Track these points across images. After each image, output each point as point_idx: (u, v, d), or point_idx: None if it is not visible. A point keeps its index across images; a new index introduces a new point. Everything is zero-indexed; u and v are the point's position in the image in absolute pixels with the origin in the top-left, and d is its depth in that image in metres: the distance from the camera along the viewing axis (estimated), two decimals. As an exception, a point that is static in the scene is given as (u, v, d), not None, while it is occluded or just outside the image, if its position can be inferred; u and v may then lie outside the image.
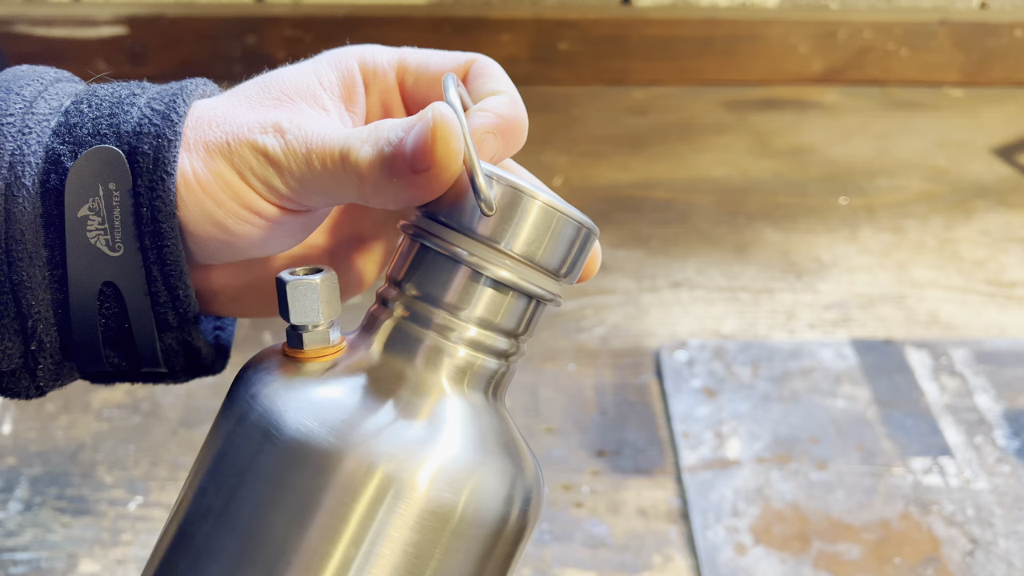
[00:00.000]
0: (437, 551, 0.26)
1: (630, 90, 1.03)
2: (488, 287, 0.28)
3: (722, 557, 0.55)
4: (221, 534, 0.26)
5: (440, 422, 0.27)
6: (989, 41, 1.04)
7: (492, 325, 0.28)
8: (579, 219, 0.28)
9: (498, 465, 0.27)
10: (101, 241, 0.29)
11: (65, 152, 0.29)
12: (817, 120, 0.99)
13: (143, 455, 0.61)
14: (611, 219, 0.84)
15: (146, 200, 0.29)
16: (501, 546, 0.27)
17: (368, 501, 0.25)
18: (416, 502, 0.25)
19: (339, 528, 0.25)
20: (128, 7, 0.98)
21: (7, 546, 0.55)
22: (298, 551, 0.25)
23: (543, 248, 0.28)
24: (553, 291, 0.28)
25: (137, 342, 0.31)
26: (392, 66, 0.33)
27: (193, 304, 0.31)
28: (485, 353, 0.28)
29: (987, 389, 0.67)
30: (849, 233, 0.83)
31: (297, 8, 0.98)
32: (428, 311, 0.28)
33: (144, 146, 0.29)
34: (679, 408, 0.64)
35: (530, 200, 0.27)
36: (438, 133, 0.27)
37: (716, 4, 1.03)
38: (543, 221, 0.27)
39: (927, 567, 0.55)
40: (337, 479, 0.25)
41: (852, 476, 0.60)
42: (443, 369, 0.27)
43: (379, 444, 0.25)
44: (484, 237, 0.27)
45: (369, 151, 0.28)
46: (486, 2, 1.01)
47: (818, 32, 1.02)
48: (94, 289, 0.29)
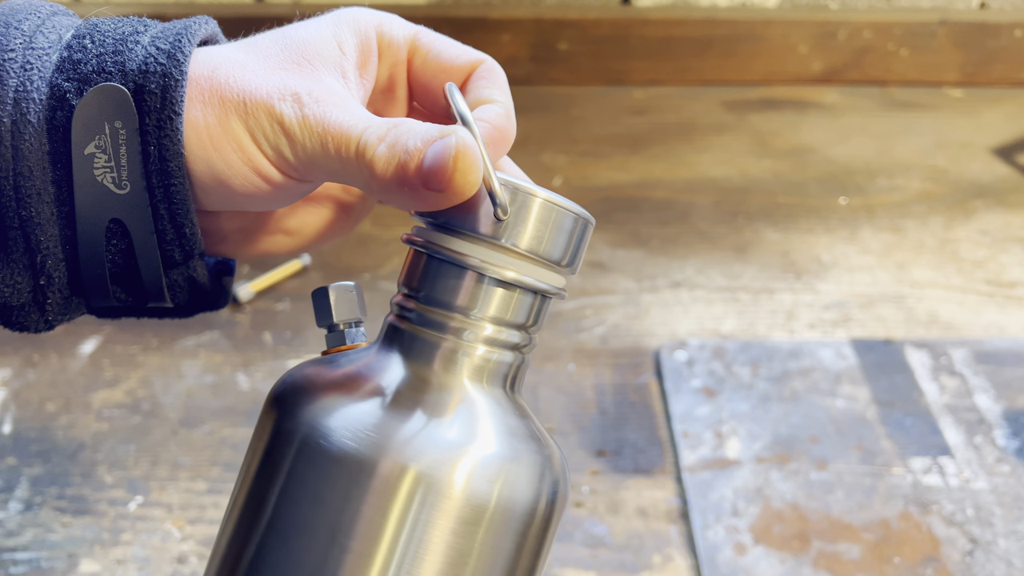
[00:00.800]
0: (476, 543, 0.27)
1: (630, 90, 1.03)
2: (497, 286, 0.29)
3: (722, 557, 0.55)
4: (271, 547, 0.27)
5: (466, 420, 0.28)
6: (989, 41, 1.04)
7: (504, 321, 0.29)
8: (576, 211, 0.29)
9: (525, 456, 0.28)
10: (108, 179, 0.29)
11: (71, 89, 0.29)
12: (817, 120, 0.99)
13: (143, 455, 0.61)
14: (611, 219, 0.84)
15: (154, 139, 0.29)
16: (535, 532, 0.28)
17: (406, 503, 0.26)
18: (452, 499, 0.26)
19: (382, 532, 0.26)
20: (129, 7, 0.98)
21: (7, 546, 0.55)
22: (345, 559, 0.26)
23: (546, 242, 0.29)
24: (558, 283, 0.30)
25: (144, 278, 0.31)
26: (406, 42, 0.33)
27: (199, 242, 0.31)
28: (500, 348, 0.29)
29: (987, 389, 0.67)
30: (849, 233, 0.83)
31: (297, 8, 0.98)
32: (442, 316, 0.29)
33: (151, 85, 0.29)
34: (679, 408, 0.64)
35: (530, 197, 0.28)
36: (459, 163, 0.27)
37: (716, 4, 1.03)
38: (544, 217, 0.29)
39: (927, 567, 0.55)
40: (375, 486, 0.26)
41: (852, 476, 0.60)
42: (463, 369, 0.29)
43: (411, 448, 0.26)
44: (490, 237, 0.28)
45: (385, 152, 0.28)
46: (486, 2, 1.01)
47: (818, 32, 1.02)
48: (101, 226, 0.30)
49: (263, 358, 0.68)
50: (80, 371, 0.67)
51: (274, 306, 0.73)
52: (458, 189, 0.28)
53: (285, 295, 0.74)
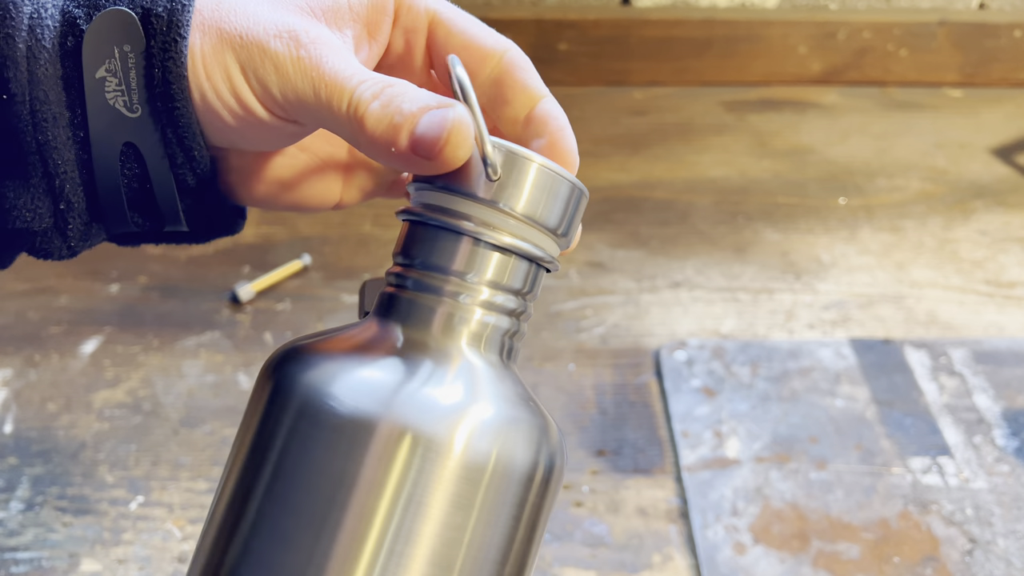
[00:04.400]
0: (476, 504, 0.27)
1: (630, 91, 1.03)
2: (494, 248, 0.29)
3: (721, 556, 0.55)
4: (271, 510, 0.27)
5: (465, 383, 0.28)
6: (988, 42, 1.04)
7: (501, 285, 0.29)
8: (572, 179, 0.30)
9: (522, 421, 0.28)
10: (119, 102, 0.30)
11: (80, 15, 0.29)
12: (816, 120, 0.99)
13: (144, 455, 0.61)
14: (611, 219, 0.84)
15: (158, 61, 0.29)
16: (533, 497, 0.28)
17: (406, 464, 0.26)
18: (452, 459, 0.26)
19: (382, 492, 0.26)
20: (129, 8, 0.98)
21: (8, 545, 0.55)
22: (345, 519, 0.26)
23: (542, 208, 0.29)
24: (552, 251, 0.30)
25: (159, 202, 0.31)
26: (426, 11, 0.33)
27: (209, 166, 0.31)
28: (497, 312, 0.29)
29: (986, 389, 0.67)
30: (848, 233, 0.83)
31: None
32: (439, 280, 0.29)
33: (158, 8, 0.29)
34: (679, 408, 0.64)
35: (526, 162, 0.28)
36: (452, 137, 0.27)
37: (716, 5, 1.03)
38: (540, 182, 0.29)
39: (926, 566, 0.55)
40: (375, 447, 0.26)
41: (851, 475, 0.60)
42: (461, 334, 0.29)
43: (411, 409, 0.27)
44: (486, 200, 0.28)
45: (378, 110, 0.28)
46: (486, 2, 1.01)
47: (817, 33, 1.02)
48: (115, 149, 0.30)
49: (264, 358, 0.68)
50: (81, 371, 0.67)
51: (275, 306, 0.73)
52: (447, 160, 0.28)
53: (286, 295, 0.74)
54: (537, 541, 0.29)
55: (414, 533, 0.26)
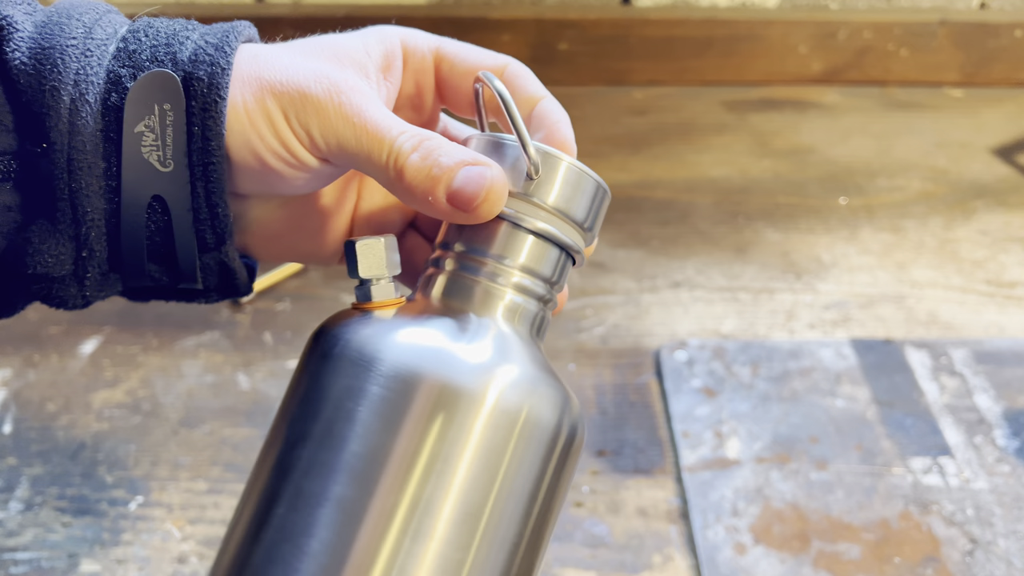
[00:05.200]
0: (508, 449, 0.30)
1: (630, 90, 1.03)
2: (529, 236, 0.32)
3: (722, 556, 0.55)
4: (322, 453, 0.30)
5: (501, 347, 0.31)
6: (989, 41, 1.04)
7: (533, 272, 0.33)
8: (598, 179, 0.34)
9: (551, 385, 0.31)
10: (154, 157, 0.32)
11: (125, 74, 0.32)
12: (817, 120, 0.99)
13: (144, 455, 0.61)
14: (611, 219, 0.84)
15: (198, 120, 0.32)
16: (558, 455, 0.31)
17: (447, 413, 0.29)
18: (487, 408, 0.29)
19: (424, 439, 0.29)
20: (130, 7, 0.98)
21: (8, 546, 0.55)
22: (391, 459, 0.29)
23: (572, 203, 0.33)
24: (579, 243, 0.34)
25: (179, 256, 0.34)
26: (431, 50, 0.37)
27: (230, 225, 0.34)
28: (529, 296, 0.33)
29: (987, 389, 0.67)
30: (849, 233, 0.83)
31: (298, 8, 0.98)
32: (479, 262, 0.32)
33: (199, 72, 0.31)
34: (679, 408, 0.64)
35: (559, 161, 0.32)
36: (490, 195, 0.31)
37: (716, 4, 1.03)
38: (570, 179, 0.33)
39: (927, 567, 0.55)
40: (420, 398, 0.29)
41: (852, 476, 0.60)
42: (497, 309, 0.32)
43: (452, 365, 0.30)
44: (524, 194, 0.32)
45: (417, 162, 0.31)
46: (486, 2, 1.01)
47: (818, 32, 1.02)
48: (144, 201, 0.32)
49: (263, 358, 0.68)
50: (80, 371, 0.67)
51: (274, 306, 0.73)
52: (481, 214, 0.31)
53: (286, 295, 0.74)
54: (558, 503, 0.32)
55: (449, 475, 0.29)
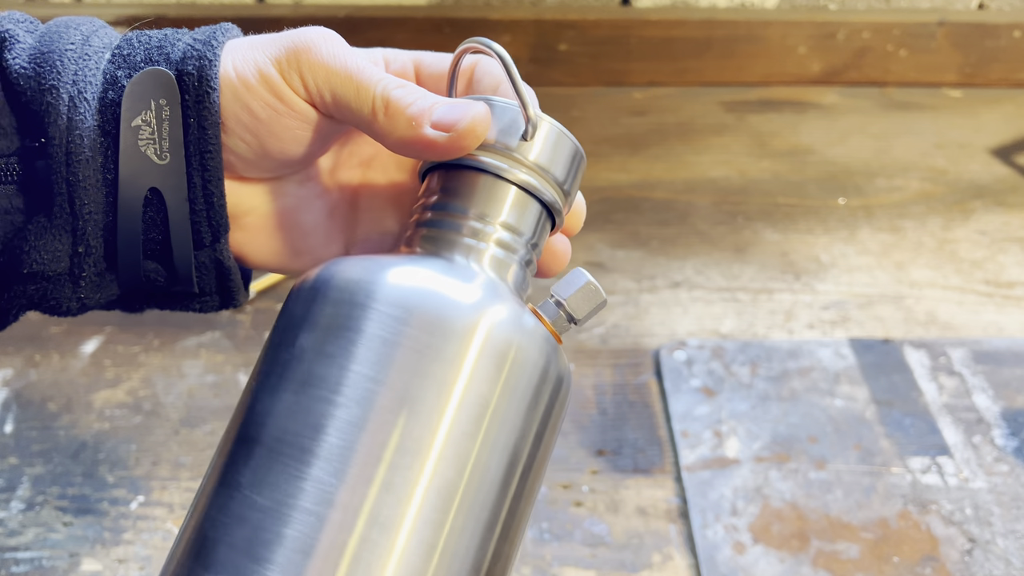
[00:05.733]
0: (499, 383, 0.30)
1: (630, 91, 1.03)
2: (511, 189, 0.33)
3: (721, 556, 0.55)
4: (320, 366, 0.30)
5: (489, 289, 0.31)
6: (988, 42, 1.04)
7: (514, 228, 0.33)
8: (576, 142, 0.34)
9: (539, 329, 0.32)
10: (151, 150, 0.33)
11: (121, 74, 0.33)
12: (816, 121, 0.99)
13: (144, 454, 0.61)
14: (611, 219, 0.84)
15: (193, 112, 0.33)
16: (547, 396, 0.31)
17: (438, 347, 0.29)
18: (481, 340, 0.30)
19: (419, 368, 0.29)
20: (130, 8, 0.98)
21: (9, 545, 0.55)
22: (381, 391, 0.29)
23: (553, 162, 0.34)
24: (560, 202, 0.34)
25: (174, 251, 0.34)
26: (411, 61, 0.38)
27: (225, 217, 0.34)
28: (510, 252, 0.33)
29: (985, 389, 0.67)
30: (848, 233, 0.83)
31: (298, 9, 0.98)
32: (460, 218, 0.33)
33: (189, 67, 0.33)
34: (678, 407, 0.65)
35: (541, 121, 0.33)
36: (474, 123, 0.32)
37: (715, 5, 1.03)
38: (552, 139, 0.34)
39: (926, 566, 0.55)
40: (413, 331, 0.29)
41: (851, 475, 0.60)
42: (485, 259, 0.33)
43: (445, 300, 0.30)
44: (506, 148, 0.33)
45: (403, 95, 0.33)
46: (486, 3, 1.02)
47: (817, 33, 1.02)
48: (140, 194, 0.33)
49: (264, 358, 0.68)
50: (82, 371, 0.67)
51: (275, 306, 0.73)
52: (463, 141, 0.32)
53: (286, 295, 0.74)
54: (546, 449, 0.32)
55: (440, 406, 0.29)
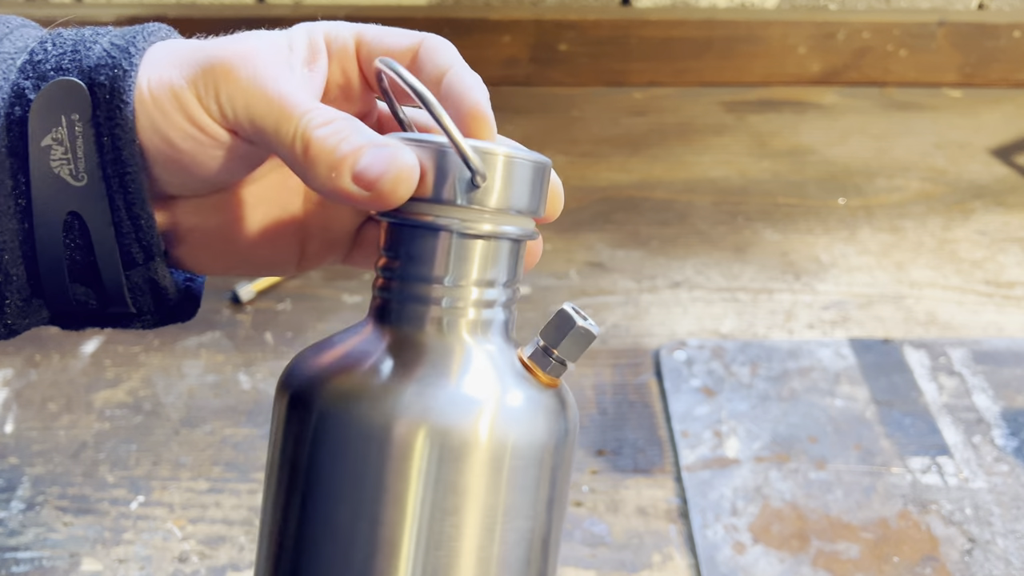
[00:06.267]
0: (501, 490, 0.28)
1: (630, 91, 1.03)
2: (478, 246, 0.29)
3: (721, 556, 0.55)
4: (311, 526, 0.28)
5: (469, 373, 0.29)
6: (988, 42, 1.04)
7: (492, 282, 0.30)
8: (535, 160, 0.30)
9: (528, 404, 0.29)
10: (65, 171, 0.29)
11: (29, 86, 0.29)
12: (816, 121, 0.99)
13: (145, 454, 0.61)
14: (611, 219, 0.84)
15: (106, 129, 0.29)
16: (552, 466, 0.29)
17: (424, 462, 0.27)
18: (470, 448, 0.27)
19: (407, 495, 0.27)
20: (130, 8, 0.98)
21: (9, 545, 0.55)
22: (379, 531, 0.27)
23: (515, 194, 0.30)
24: (531, 229, 0.31)
25: (103, 275, 0.31)
26: (352, 37, 0.34)
27: (157, 238, 0.31)
28: (491, 307, 0.30)
29: (985, 389, 0.67)
30: (848, 233, 0.83)
31: (298, 9, 0.98)
32: (431, 289, 0.29)
33: (100, 76, 0.29)
34: (678, 407, 0.65)
35: (495, 157, 0.29)
36: (400, 176, 0.28)
37: (715, 5, 1.03)
38: (509, 171, 0.29)
39: (925, 566, 0.55)
40: (391, 451, 0.27)
41: (851, 475, 0.60)
42: (461, 330, 0.30)
43: (419, 407, 0.27)
44: (464, 204, 0.29)
45: (324, 136, 0.29)
46: (486, 3, 1.02)
47: (817, 33, 1.02)
48: (59, 219, 0.30)
49: (264, 358, 0.68)
50: (82, 371, 0.67)
51: (275, 306, 0.73)
52: (386, 198, 0.28)
53: (286, 295, 0.74)
54: (562, 498, 0.30)
55: (446, 529, 0.27)
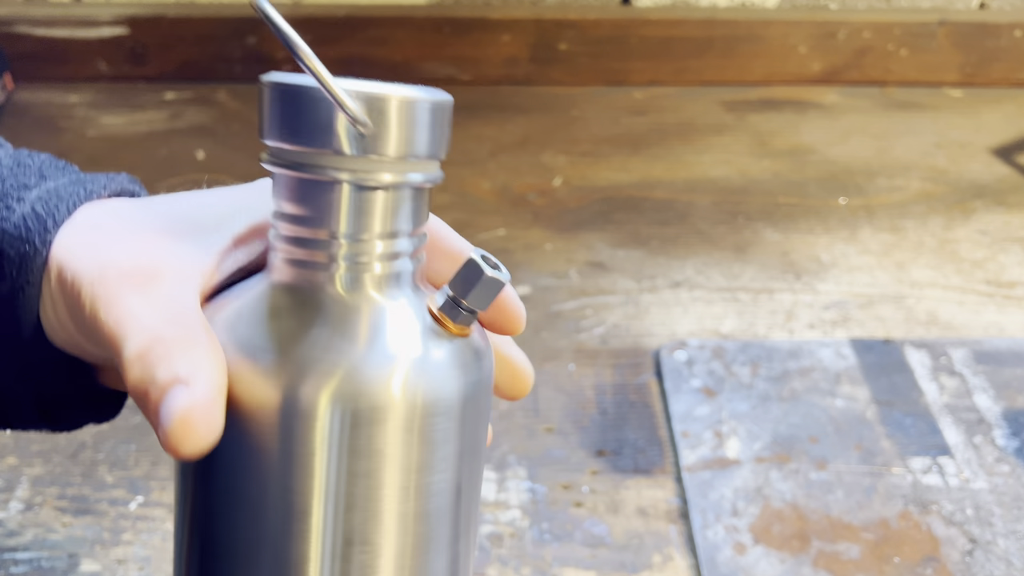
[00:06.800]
0: (415, 445, 0.27)
1: (630, 91, 1.03)
2: (378, 197, 0.27)
3: (722, 556, 0.55)
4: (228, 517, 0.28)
5: (372, 333, 0.27)
6: (988, 42, 1.04)
7: (394, 233, 0.28)
8: (433, 99, 0.27)
9: (438, 352, 0.28)
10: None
11: None
12: (816, 120, 0.99)
13: (144, 455, 0.61)
14: (611, 219, 0.84)
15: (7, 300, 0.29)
16: (466, 413, 0.28)
17: (329, 426, 0.26)
18: (377, 412, 0.26)
19: (312, 459, 0.26)
20: (129, 7, 0.98)
21: (8, 545, 0.55)
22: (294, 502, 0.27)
23: (415, 141, 0.27)
24: (435, 172, 0.28)
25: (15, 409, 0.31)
26: None
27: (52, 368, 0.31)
28: (396, 259, 0.28)
29: (986, 389, 0.67)
30: (848, 233, 0.83)
31: (297, 9, 0.98)
32: (333, 245, 0.27)
33: (11, 251, 0.29)
34: (679, 408, 0.64)
35: (386, 102, 0.26)
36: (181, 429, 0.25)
37: (716, 4, 1.03)
38: (405, 116, 0.27)
39: (926, 566, 0.55)
40: (296, 423, 0.26)
41: (851, 476, 0.60)
42: (366, 285, 0.28)
43: (323, 371, 0.26)
44: (360, 152, 0.27)
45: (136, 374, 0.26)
46: (486, 2, 1.01)
47: (817, 32, 1.02)
48: None
49: (263, 358, 0.68)
50: (81, 371, 0.67)
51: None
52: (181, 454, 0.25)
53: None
54: (475, 448, 0.29)
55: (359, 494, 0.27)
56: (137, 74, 0.99)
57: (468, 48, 1.00)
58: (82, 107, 0.95)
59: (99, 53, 0.99)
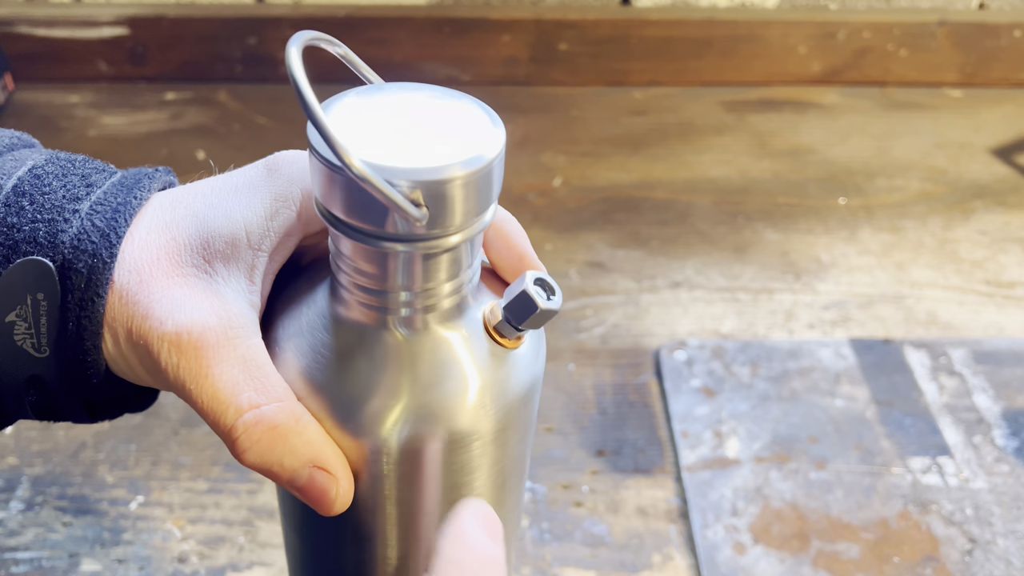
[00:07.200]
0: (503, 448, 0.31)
1: (630, 91, 1.03)
2: (443, 259, 0.28)
3: (721, 556, 0.55)
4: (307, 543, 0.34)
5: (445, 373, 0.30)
6: (988, 42, 1.04)
7: (456, 274, 0.29)
8: (487, 159, 0.27)
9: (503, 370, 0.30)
10: (28, 343, 0.30)
11: None
12: (816, 121, 0.99)
13: (144, 455, 0.61)
14: (611, 219, 0.84)
15: (73, 316, 0.29)
16: (533, 398, 0.32)
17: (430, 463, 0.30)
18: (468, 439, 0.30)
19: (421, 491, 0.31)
20: (129, 8, 0.98)
21: (8, 545, 0.55)
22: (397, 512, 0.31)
23: (477, 205, 0.27)
24: (491, 216, 0.29)
25: (65, 414, 0.32)
26: None
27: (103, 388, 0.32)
28: (459, 292, 0.30)
29: (986, 389, 0.67)
30: (848, 233, 0.83)
31: (298, 9, 0.98)
32: (398, 294, 0.29)
33: (79, 264, 0.29)
34: (678, 408, 0.65)
35: (444, 185, 0.26)
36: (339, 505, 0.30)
37: (716, 5, 1.03)
38: (463, 192, 0.26)
39: (926, 566, 0.55)
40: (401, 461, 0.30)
41: (851, 475, 0.60)
42: (431, 324, 0.29)
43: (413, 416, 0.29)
44: (426, 234, 0.27)
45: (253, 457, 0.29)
46: (486, 3, 1.01)
47: (817, 33, 1.02)
48: (20, 380, 0.30)
49: (263, 358, 0.68)
50: (81, 371, 0.67)
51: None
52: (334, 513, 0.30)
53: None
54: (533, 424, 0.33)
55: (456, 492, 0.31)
56: (137, 74, 0.99)
57: (468, 48, 1.00)
58: (82, 107, 0.95)
59: (99, 53, 0.99)
